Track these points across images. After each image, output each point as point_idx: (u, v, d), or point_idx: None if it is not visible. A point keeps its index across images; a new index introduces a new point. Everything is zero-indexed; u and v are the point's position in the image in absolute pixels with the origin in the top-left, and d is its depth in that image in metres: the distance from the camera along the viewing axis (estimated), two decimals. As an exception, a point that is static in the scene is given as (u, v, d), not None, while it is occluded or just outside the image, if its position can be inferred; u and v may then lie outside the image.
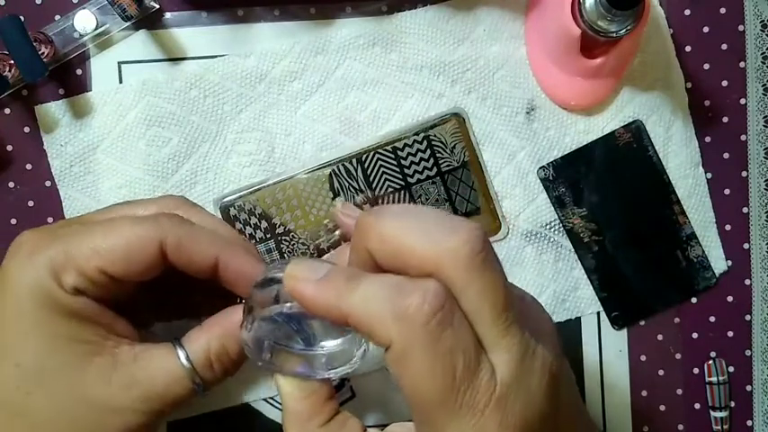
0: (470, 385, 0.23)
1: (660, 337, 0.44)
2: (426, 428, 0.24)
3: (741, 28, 0.43)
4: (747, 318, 0.44)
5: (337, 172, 0.42)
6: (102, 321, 0.31)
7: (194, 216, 0.34)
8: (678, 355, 0.44)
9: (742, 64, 0.43)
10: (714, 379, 0.44)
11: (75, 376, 0.30)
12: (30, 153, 0.42)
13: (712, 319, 0.44)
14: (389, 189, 0.42)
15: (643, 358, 0.44)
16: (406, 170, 0.42)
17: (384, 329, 0.24)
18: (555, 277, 0.43)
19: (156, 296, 0.36)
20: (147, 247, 0.30)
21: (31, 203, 0.42)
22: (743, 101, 0.44)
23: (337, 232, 0.41)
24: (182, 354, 0.31)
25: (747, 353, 0.44)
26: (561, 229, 0.43)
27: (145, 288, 0.34)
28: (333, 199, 0.41)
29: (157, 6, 0.41)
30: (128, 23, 0.41)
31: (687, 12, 0.43)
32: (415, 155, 0.42)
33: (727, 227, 0.44)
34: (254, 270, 0.32)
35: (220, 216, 0.41)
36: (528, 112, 0.43)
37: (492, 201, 0.43)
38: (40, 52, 0.38)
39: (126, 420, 0.30)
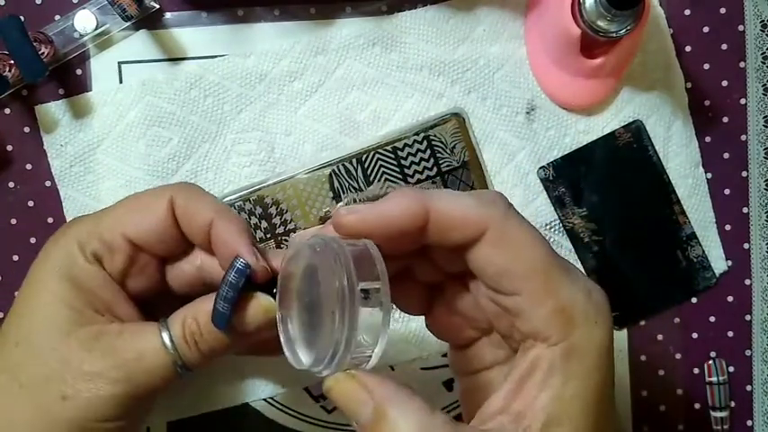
0: (564, 260, 0.27)
1: (660, 337, 0.44)
2: (538, 290, 0.26)
3: (741, 28, 0.43)
4: (747, 318, 0.44)
5: (337, 172, 0.42)
6: (104, 297, 0.32)
7: None
8: (678, 355, 0.44)
9: (742, 64, 0.43)
10: (714, 379, 0.44)
11: (60, 339, 0.31)
12: (30, 153, 0.42)
13: (712, 319, 0.44)
14: (390, 189, 0.42)
15: (643, 358, 0.44)
16: (406, 170, 0.42)
17: (471, 213, 0.26)
18: (555, 277, 0.43)
19: (177, 299, 0.36)
20: (160, 205, 0.32)
21: (31, 203, 0.42)
22: (743, 101, 0.44)
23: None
24: (164, 332, 0.31)
25: (747, 353, 0.44)
26: (561, 229, 0.43)
27: (167, 291, 0.35)
28: (332, 199, 0.41)
29: (157, 6, 0.41)
30: (128, 23, 0.41)
31: (687, 12, 0.43)
32: (415, 155, 0.42)
33: (727, 227, 0.44)
34: (234, 239, 0.31)
35: (220, 216, 0.41)
36: (528, 112, 0.43)
37: (492, 201, 0.43)
38: (40, 52, 0.38)
39: (98, 387, 0.30)
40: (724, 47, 0.43)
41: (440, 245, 0.28)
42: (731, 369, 0.44)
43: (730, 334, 0.44)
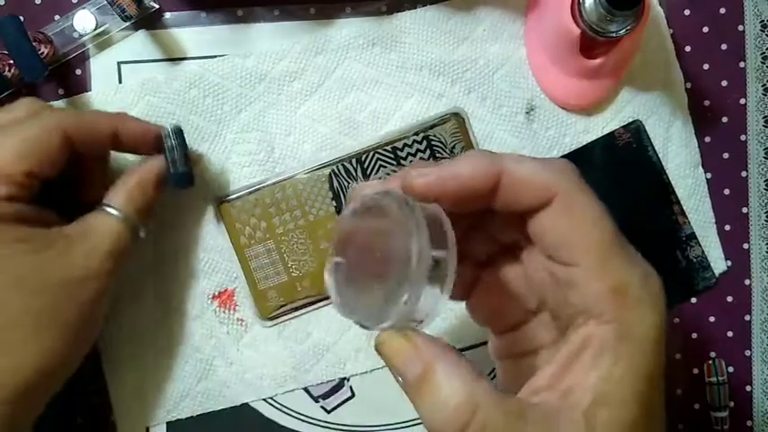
0: (626, 241, 0.27)
1: (660, 337, 0.44)
2: (596, 265, 0.26)
3: (741, 28, 0.43)
4: (747, 318, 0.44)
5: (337, 172, 0.42)
6: (40, 219, 0.34)
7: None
8: (678, 355, 0.44)
9: (742, 64, 0.43)
10: (714, 379, 0.44)
11: (37, 273, 0.32)
12: (29, 153, 0.42)
13: (712, 319, 0.44)
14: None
15: (643, 358, 0.44)
16: (405, 170, 0.42)
17: (543, 178, 0.26)
18: (555, 277, 0.43)
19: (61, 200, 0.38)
20: (53, 137, 0.34)
21: (30, 203, 0.42)
22: (743, 101, 0.44)
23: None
24: (111, 209, 0.35)
25: (747, 353, 0.44)
26: (561, 229, 0.43)
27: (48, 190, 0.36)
28: (332, 199, 0.41)
29: (157, 6, 0.41)
30: (127, 23, 0.41)
31: (687, 12, 0.43)
32: (414, 155, 0.42)
33: (727, 227, 0.44)
34: (147, 128, 0.37)
35: (221, 216, 0.41)
36: (528, 112, 0.43)
37: (492, 201, 0.43)
38: (39, 52, 0.38)
39: (90, 287, 0.33)
40: (724, 47, 0.43)
41: (507, 209, 0.27)
42: (731, 369, 0.44)
43: (730, 334, 0.44)
